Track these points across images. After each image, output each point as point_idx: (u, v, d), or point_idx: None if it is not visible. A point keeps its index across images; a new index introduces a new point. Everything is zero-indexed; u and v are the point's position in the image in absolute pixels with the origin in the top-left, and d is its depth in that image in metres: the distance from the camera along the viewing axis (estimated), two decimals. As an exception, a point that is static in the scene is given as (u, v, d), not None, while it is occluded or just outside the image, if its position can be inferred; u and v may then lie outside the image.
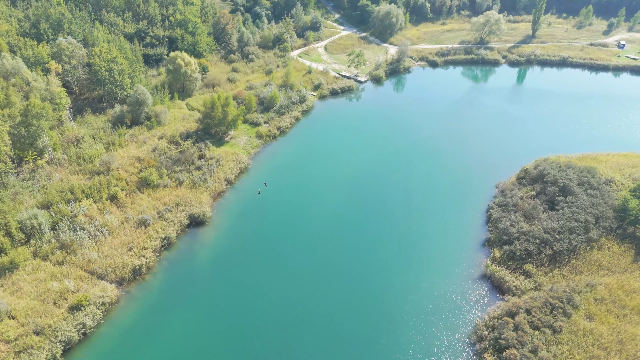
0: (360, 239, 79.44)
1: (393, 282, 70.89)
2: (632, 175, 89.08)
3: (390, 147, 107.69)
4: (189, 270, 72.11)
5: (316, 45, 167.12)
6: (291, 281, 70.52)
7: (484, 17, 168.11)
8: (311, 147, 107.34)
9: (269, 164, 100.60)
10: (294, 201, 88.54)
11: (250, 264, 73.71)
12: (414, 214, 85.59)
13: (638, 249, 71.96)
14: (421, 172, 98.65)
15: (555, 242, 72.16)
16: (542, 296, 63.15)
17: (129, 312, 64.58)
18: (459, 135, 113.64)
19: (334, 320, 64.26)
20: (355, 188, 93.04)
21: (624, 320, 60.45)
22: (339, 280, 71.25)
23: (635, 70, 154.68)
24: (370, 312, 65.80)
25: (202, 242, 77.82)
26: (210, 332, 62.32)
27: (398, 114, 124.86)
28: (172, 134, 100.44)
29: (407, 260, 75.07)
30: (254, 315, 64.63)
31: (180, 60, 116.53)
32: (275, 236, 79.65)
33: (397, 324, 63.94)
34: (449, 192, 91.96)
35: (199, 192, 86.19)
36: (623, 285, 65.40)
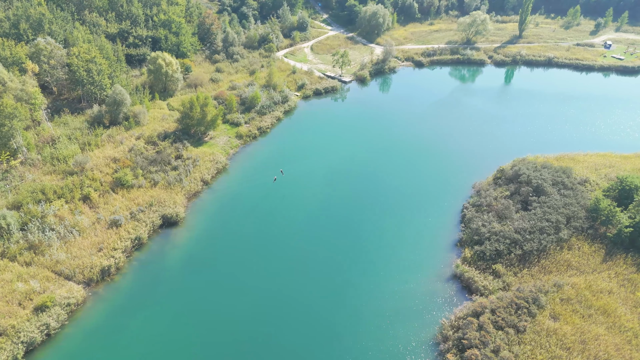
0: (333, 239, 79.35)
1: (362, 281, 70.87)
2: (608, 175, 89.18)
3: (371, 146, 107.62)
4: (159, 271, 71.96)
5: (302, 46, 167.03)
6: (261, 281, 70.47)
7: (470, 18, 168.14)
8: (291, 147, 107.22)
9: (247, 164, 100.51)
10: (269, 201, 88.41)
11: (221, 264, 73.63)
12: (389, 214, 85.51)
13: (608, 249, 71.97)
14: (400, 171, 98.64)
15: (525, 242, 72.18)
16: (508, 296, 63.17)
17: (95, 312, 64.41)
18: (440, 135, 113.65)
19: (299, 319, 64.22)
20: (333, 187, 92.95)
21: (588, 320, 60.46)
22: (309, 279, 71.20)
23: (621, 70, 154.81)
24: (337, 311, 65.74)
25: (174, 242, 77.66)
26: (177, 333, 62.16)
27: (380, 114, 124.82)
28: (150, 134, 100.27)
29: (378, 259, 75.02)
30: (222, 316, 64.58)
31: (161, 60, 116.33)
32: (249, 236, 79.54)
33: (363, 323, 63.88)
34: (427, 192, 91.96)
35: (174, 193, 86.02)
36: (590, 285, 65.44)
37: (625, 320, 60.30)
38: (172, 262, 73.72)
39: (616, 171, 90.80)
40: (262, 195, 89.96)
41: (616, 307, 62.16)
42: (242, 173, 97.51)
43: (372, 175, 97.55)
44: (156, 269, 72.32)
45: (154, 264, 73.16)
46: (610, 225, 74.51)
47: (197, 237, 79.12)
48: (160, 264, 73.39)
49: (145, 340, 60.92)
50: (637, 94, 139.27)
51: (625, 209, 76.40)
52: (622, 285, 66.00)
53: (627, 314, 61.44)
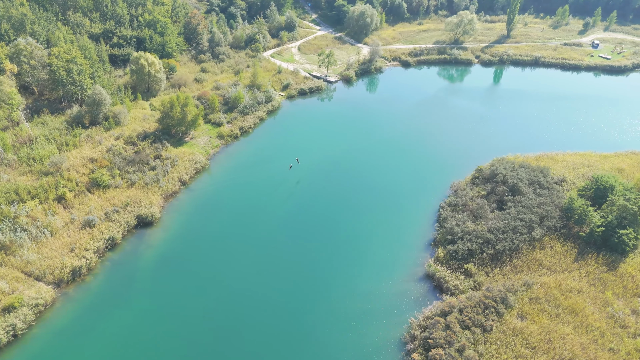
0: (309, 238, 79.25)
1: (336, 281, 70.77)
2: (585, 174, 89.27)
3: (352, 146, 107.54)
4: (132, 271, 71.79)
5: (290, 46, 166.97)
6: (234, 281, 70.39)
7: (458, 17, 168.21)
8: (272, 147, 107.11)
9: (227, 164, 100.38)
10: (246, 201, 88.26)
11: (195, 263, 73.47)
12: (367, 213, 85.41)
13: (580, 249, 71.99)
14: (381, 170, 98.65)
15: (498, 241, 72.17)
16: (477, 296, 63.14)
17: (64, 313, 64.18)
18: (422, 135, 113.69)
19: (270, 319, 64.06)
20: (311, 187, 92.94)
21: (556, 320, 60.44)
22: (282, 279, 71.07)
23: (607, 69, 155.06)
24: (308, 310, 65.59)
25: (148, 242, 77.47)
26: (147, 332, 61.96)
27: (364, 114, 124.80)
28: (129, 134, 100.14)
29: (353, 258, 74.95)
30: (193, 315, 64.36)
31: (144, 60, 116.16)
32: (224, 236, 79.44)
33: (333, 323, 63.72)
34: (406, 191, 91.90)
35: (150, 193, 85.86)
36: (560, 285, 65.42)
37: (592, 320, 60.28)
38: (145, 262, 73.55)
39: (594, 170, 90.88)
40: (240, 195, 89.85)
41: (585, 306, 62.14)
42: (222, 173, 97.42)
43: (352, 174, 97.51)
44: (129, 269, 72.17)
45: (126, 264, 73.01)
46: (584, 225, 74.53)
47: (171, 237, 78.98)
48: (133, 264, 73.22)
49: (114, 340, 60.72)
50: (623, 93, 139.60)
51: (599, 209, 76.43)
52: (593, 285, 66.01)
53: (596, 313, 61.42)
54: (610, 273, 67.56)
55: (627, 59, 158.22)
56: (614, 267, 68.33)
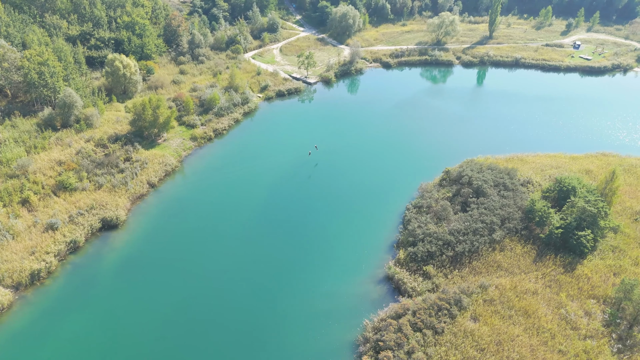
0: (275, 240, 79.54)
1: (298, 282, 71.08)
2: (553, 176, 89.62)
3: (325, 147, 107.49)
4: (92, 274, 71.86)
5: (272, 47, 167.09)
6: (194, 283, 70.57)
7: (439, 19, 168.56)
8: (245, 148, 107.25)
9: (198, 166, 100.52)
10: (214, 203, 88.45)
11: (157, 266, 73.56)
12: (335, 215, 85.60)
13: (540, 250, 72.32)
14: (352, 171, 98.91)
15: (458, 243, 72.46)
16: (432, 298, 63.38)
17: (21, 316, 64.26)
18: (397, 136, 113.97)
19: (228, 320, 64.33)
20: (280, 188, 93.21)
21: (508, 322, 60.73)
22: (243, 280, 71.36)
23: (587, 70, 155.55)
24: (268, 312, 65.80)
25: (111, 245, 77.57)
26: (105, 335, 62.05)
27: (341, 115, 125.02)
28: (100, 136, 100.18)
29: (317, 260, 75.26)
30: (151, 317, 64.54)
31: (119, 62, 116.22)
32: (189, 238, 79.59)
33: (291, 324, 63.96)
34: (376, 192, 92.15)
35: (117, 196, 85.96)
36: (516, 286, 65.72)
37: (544, 322, 60.58)
38: (106, 265, 73.67)
39: (562, 172, 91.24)
40: (208, 197, 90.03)
41: (538, 308, 62.44)
42: (192, 175, 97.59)
43: (323, 175, 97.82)
44: (89, 272, 72.24)
45: (88, 267, 73.09)
46: (545, 227, 74.86)
47: (135, 239, 79.09)
48: (95, 267, 73.32)
49: (70, 343, 60.78)
50: (600, 94, 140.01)
51: (560, 210, 76.78)
52: (548, 286, 66.34)
53: (548, 314, 61.74)
54: (567, 274, 67.91)
55: (608, 60, 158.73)
56: (571, 269, 68.69)
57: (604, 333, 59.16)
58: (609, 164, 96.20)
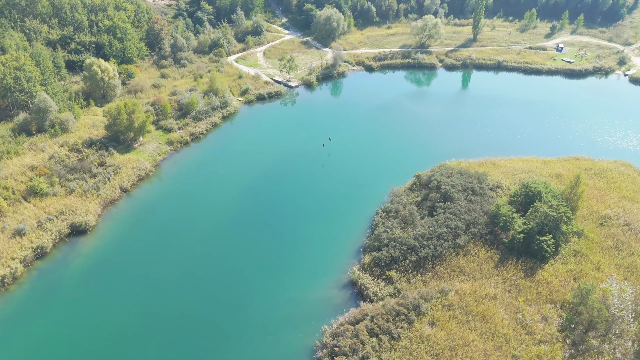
0: (244, 245, 79.92)
1: (264, 287, 71.47)
2: (523, 180, 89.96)
3: (301, 151, 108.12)
4: (58, 280, 72.19)
5: (256, 50, 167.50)
6: (160, 289, 70.93)
7: (423, 22, 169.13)
8: (219, 153, 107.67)
9: (173, 171, 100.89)
10: (185, 207, 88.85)
11: (123, 272, 73.90)
12: (306, 219, 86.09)
13: (503, 255, 72.81)
14: (326, 176, 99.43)
15: (421, 248, 72.93)
16: (391, 303, 63.82)
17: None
18: (373, 140, 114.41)
19: (189, 328, 64.62)
20: (253, 193, 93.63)
21: (465, 327, 61.21)
22: (209, 286, 71.74)
23: (568, 73, 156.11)
24: (231, 318, 66.28)
25: (79, 251, 77.92)
26: (65, 342, 62.42)
27: (319, 119, 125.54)
28: (75, 141, 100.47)
29: (285, 265, 75.70)
30: (114, 323, 64.92)
31: (96, 67, 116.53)
32: (157, 244, 79.95)
33: (253, 330, 64.35)
34: (348, 196, 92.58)
35: (88, 201, 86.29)
36: (476, 291, 66.20)
37: (501, 327, 61.07)
38: (72, 271, 73.99)
39: (532, 176, 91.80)
40: (179, 201, 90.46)
41: (496, 313, 62.94)
42: (165, 180, 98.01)
43: (297, 179, 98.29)
44: (55, 277, 72.57)
45: (54, 273, 73.42)
46: (509, 231, 75.32)
47: (103, 245, 79.43)
48: (61, 272, 73.64)
49: (33, 348, 61.15)
50: (579, 97, 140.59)
51: (524, 215, 77.33)
52: (508, 291, 66.84)
53: (505, 319, 62.22)
54: (527, 279, 68.42)
55: (589, 63, 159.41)
56: (532, 274, 69.22)
57: (559, 338, 59.67)
58: (580, 168, 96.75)
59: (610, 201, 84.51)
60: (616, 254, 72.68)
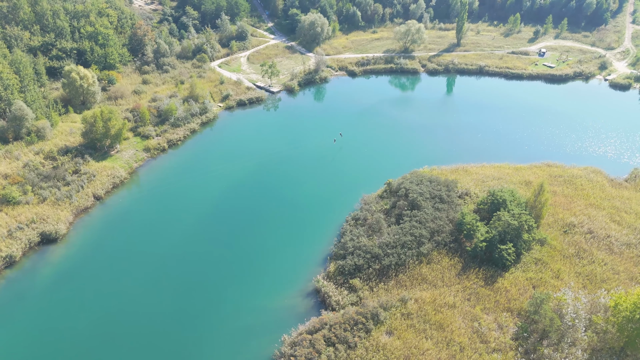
0: (213, 253, 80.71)
1: (229, 295, 72.41)
2: (492, 187, 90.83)
3: (277, 157, 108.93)
4: (25, 289, 72.90)
5: (240, 55, 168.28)
6: (126, 297, 71.65)
7: (406, 27, 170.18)
8: (195, 160, 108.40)
9: (148, 178, 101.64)
10: (157, 215, 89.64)
11: (90, 280, 74.67)
12: (278, 226, 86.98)
13: (465, 263, 73.74)
14: (301, 182, 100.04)
15: (385, 256, 73.78)
16: (350, 312, 64.65)
17: (-53, 332, 65.44)
18: (352, 145, 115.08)
19: (152, 338, 65.42)
20: (227, 200, 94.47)
21: (421, 335, 62.10)
22: (176, 295, 72.54)
23: (549, 78, 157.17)
24: (193, 327, 67.01)
25: (47, 260, 78.65)
26: (30, 351, 63.15)
27: (299, 125, 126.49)
28: (51, 149, 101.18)
29: (252, 273, 76.59)
30: (77, 332, 65.69)
31: (75, 74, 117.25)
32: (127, 251, 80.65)
33: (214, 339, 65.25)
34: (321, 203, 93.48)
35: (60, 209, 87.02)
36: (435, 300, 67.09)
37: (456, 335, 61.97)
38: (40, 280, 74.72)
39: (502, 183, 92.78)
40: (151, 209, 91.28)
41: (453, 321, 63.84)
42: (140, 187, 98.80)
43: (272, 186, 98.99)
44: (22, 286, 73.30)
45: (21, 282, 74.14)
46: (473, 239, 76.25)
47: (73, 253, 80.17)
48: (28, 281, 74.37)
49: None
50: (558, 103, 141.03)
51: (487, 223, 78.27)
52: (468, 299, 67.76)
53: (462, 328, 63.12)
54: (487, 287, 69.35)
55: (570, 68, 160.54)
56: (492, 282, 70.16)
57: (512, 346, 60.60)
58: (551, 175, 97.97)
59: (577, 209, 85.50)
60: (577, 262, 73.66)
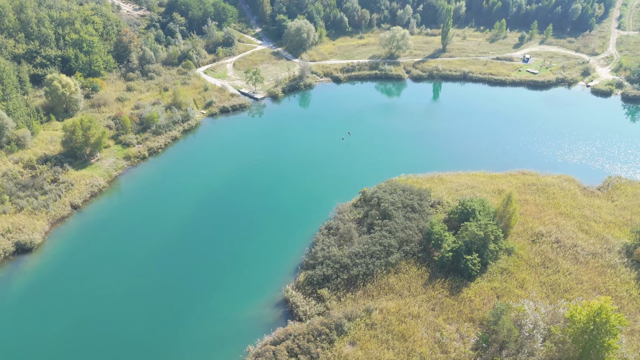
0: (188, 263, 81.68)
1: (199, 306, 73.26)
2: (466, 196, 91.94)
3: (257, 165, 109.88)
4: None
5: (226, 61, 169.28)
6: (98, 307, 72.66)
7: (390, 33, 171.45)
8: (177, 168, 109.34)
9: (127, 186, 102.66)
10: (134, 224, 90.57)
11: (63, 290, 75.64)
12: (254, 234, 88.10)
13: (432, 273, 74.83)
14: (279, 190, 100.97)
15: (354, 266, 74.84)
16: (315, 322, 65.67)
17: None
18: (332, 152, 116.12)
19: (123, 346, 66.41)
20: (203, 208, 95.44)
21: (383, 346, 63.14)
22: (146, 306, 73.50)
23: (531, 85, 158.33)
24: (163, 337, 68.03)
25: (21, 269, 79.56)
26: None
27: (280, 132, 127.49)
28: (30, 157, 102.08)
29: (224, 282, 77.76)
30: (48, 343, 66.66)
31: (57, 82, 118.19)
32: (102, 260, 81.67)
33: (180, 350, 66.15)
34: (298, 212, 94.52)
35: (37, 218, 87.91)
36: (400, 310, 68.13)
37: (418, 345, 63.04)
38: (13, 289, 75.66)
39: (476, 192, 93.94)
40: (128, 218, 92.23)
41: (416, 331, 64.89)
42: (118, 196, 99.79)
43: (250, 194, 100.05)
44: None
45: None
46: (441, 249, 77.32)
47: (48, 263, 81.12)
48: (2, 291, 75.24)
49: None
50: (538, 109, 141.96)
51: (456, 233, 79.38)
52: (432, 309, 68.84)
53: (424, 338, 64.18)
54: (452, 297, 70.47)
55: (553, 74, 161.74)
56: (457, 292, 71.26)
57: (472, 357, 61.69)
58: (525, 183, 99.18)
59: (546, 218, 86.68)
60: (542, 272, 74.82)
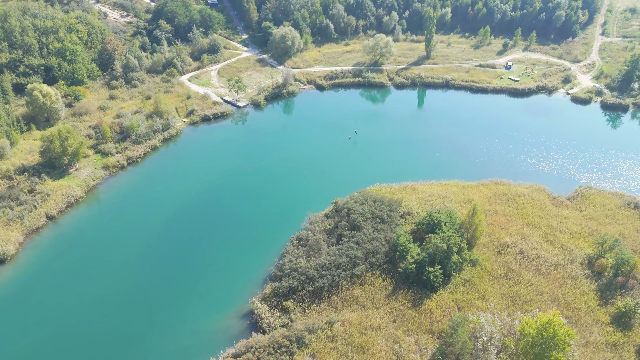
0: (160, 273, 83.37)
1: (165, 318, 74.51)
2: (436, 206, 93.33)
3: (234, 173, 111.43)
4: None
5: (210, 69, 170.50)
6: (67, 318, 73.74)
7: (374, 40, 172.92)
8: (155, 176, 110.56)
9: (105, 196, 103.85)
10: (109, 234, 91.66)
11: (37, 301, 76.75)
12: (224, 245, 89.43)
13: (397, 285, 76.11)
14: (254, 200, 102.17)
15: (319, 278, 76.07)
16: (276, 335, 66.86)
17: None
18: (311, 161, 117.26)
19: (91, 357, 67.76)
20: (178, 218, 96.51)
21: (343, 358, 64.42)
22: (118, 316, 74.74)
23: (512, 92, 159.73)
24: (127, 351, 69.07)
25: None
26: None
27: (260, 140, 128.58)
28: (7, 168, 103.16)
29: (192, 294, 78.86)
30: (23, 353, 67.77)
31: (37, 92, 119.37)
32: (77, 271, 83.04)
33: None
34: (270, 222, 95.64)
35: (10, 230, 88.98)
36: (362, 322, 69.42)
37: (377, 357, 64.34)
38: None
39: (446, 202, 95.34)
40: (103, 228, 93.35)
41: (375, 343, 66.15)
42: (94, 206, 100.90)
43: (226, 203, 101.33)
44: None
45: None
46: (404, 261, 78.58)
47: (20, 274, 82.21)
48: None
49: None
50: (517, 117, 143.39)
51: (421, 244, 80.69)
52: (393, 321, 70.14)
53: (383, 350, 65.46)
54: (413, 309, 71.77)
55: (534, 81, 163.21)
56: (419, 303, 72.58)
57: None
58: (496, 193, 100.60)
59: (513, 228, 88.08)
60: (504, 283, 76.21)
